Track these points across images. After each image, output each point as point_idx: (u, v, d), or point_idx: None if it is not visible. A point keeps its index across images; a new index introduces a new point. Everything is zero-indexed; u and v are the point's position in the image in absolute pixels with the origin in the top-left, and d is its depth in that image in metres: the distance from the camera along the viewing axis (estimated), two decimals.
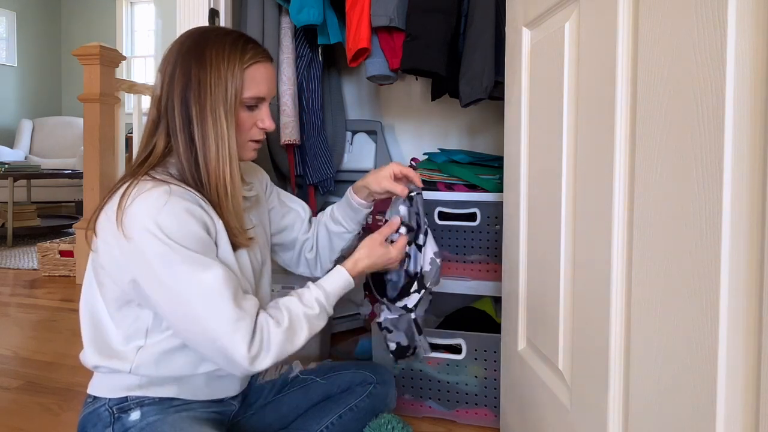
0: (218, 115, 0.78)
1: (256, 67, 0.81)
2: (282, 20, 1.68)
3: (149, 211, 0.72)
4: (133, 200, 0.73)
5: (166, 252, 0.71)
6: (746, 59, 0.41)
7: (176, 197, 0.73)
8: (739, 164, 0.42)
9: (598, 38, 0.66)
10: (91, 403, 0.83)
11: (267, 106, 0.85)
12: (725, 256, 0.43)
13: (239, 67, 0.79)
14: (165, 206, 0.72)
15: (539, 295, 0.89)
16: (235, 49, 0.80)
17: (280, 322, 0.77)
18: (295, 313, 0.80)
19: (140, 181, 0.75)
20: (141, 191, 0.73)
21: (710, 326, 0.45)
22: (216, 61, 0.79)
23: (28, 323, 1.96)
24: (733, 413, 0.43)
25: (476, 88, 1.39)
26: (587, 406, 0.69)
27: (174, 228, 0.72)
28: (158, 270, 0.72)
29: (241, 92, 0.80)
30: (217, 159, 0.78)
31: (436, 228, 1.55)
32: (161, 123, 0.81)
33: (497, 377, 1.20)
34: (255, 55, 0.81)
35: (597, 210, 0.66)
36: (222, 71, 0.78)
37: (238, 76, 0.79)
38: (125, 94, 2.67)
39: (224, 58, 0.79)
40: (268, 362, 0.75)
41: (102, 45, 2.47)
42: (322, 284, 0.86)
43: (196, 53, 0.80)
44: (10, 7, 5.12)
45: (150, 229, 0.71)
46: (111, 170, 2.59)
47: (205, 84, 0.78)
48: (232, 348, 0.72)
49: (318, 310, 0.82)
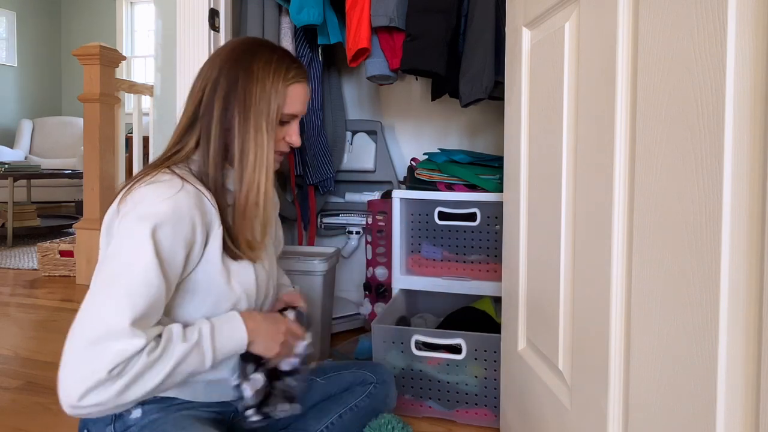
0: (260, 127, 0.81)
1: (297, 86, 0.85)
2: (282, 20, 1.68)
3: (154, 197, 0.73)
4: (143, 186, 0.75)
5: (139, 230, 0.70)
6: (746, 59, 0.41)
7: (185, 196, 0.75)
8: (739, 164, 0.42)
9: (598, 38, 0.66)
10: None
11: (297, 122, 0.89)
12: (725, 256, 0.43)
13: (283, 84, 0.83)
14: (170, 198, 0.73)
15: (539, 295, 0.89)
16: (281, 66, 0.84)
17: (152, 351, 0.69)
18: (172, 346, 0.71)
19: (159, 173, 0.78)
20: (156, 180, 0.76)
21: (710, 326, 0.45)
22: (263, 75, 0.82)
23: (28, 323, 1.96)
24: (733, 413, 0.43)
25: (476, 88, 1.39)
26: (587, 406, 0.69)
27: (165, 219, 0.72)
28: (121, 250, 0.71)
29: (282, 108, 0.83)
30: (254, 168, 0.81)
31: (436, 228, 1.55)
32: (197, 124, 0.84)
33: (497, 377, 1.20)
34: (297, 74, 0.85)
35: (597, 210, 0.66)
36: (267, 85, 0.82)
37: (282, 92, 0.83)
38: (125, 94, 2.67)
39: (270, 73, 0.83)
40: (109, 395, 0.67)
41: (102, 45, 2.47)
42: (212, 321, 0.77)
43: (244, 64, 0.83)
44: (10, 7, 5.12)
45: (146, 211, 0.72)
46: (111, 170, 2.59)
47: (251, 95, 0.81)
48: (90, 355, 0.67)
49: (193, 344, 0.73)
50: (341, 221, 2.00)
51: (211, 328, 0.76)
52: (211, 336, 0.75)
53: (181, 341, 0.72)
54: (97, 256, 0.79)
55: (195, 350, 0.72)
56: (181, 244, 0.74)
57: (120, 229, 0.73)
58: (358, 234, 2.01)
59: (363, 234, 2.00)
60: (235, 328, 0.78)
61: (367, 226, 1.80)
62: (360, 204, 1.96)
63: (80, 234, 2.54)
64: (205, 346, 0.74)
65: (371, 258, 1.79)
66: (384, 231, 1.75)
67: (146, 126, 2.77)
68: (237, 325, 0.79)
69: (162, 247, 0.71)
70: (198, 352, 0.73)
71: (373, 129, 1.96)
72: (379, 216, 1.76)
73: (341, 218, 2.00)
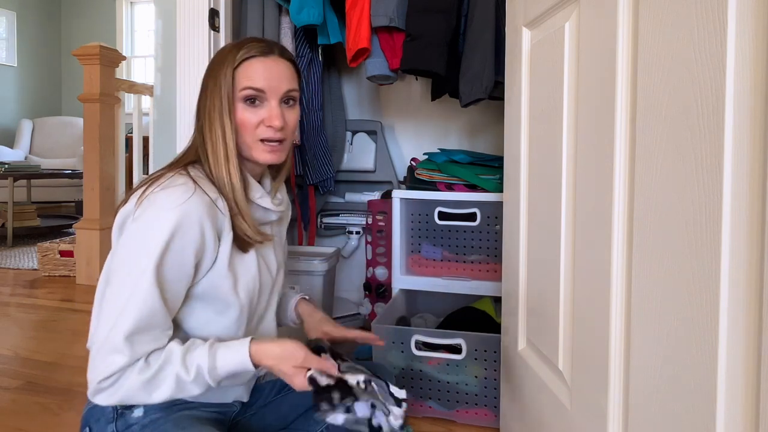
0: (214, 119, 0.81)
1: (248, 62, 0.82)
2: (282, 20, 1.68)
3: (166, 204, 0.74)
4: (159, 190, 0.75)
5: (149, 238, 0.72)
6: (746, 59, 0.41)
7: (196, 203, 0.75)
8: (739, 164, 0.42)
9: (598, 38, 0.66)
10: None
11: (275, 101, 0.83)
12: (725, 256, 0.43)
13: (230, 66, 0.82)
14: (183, 205, 0.74)
15: (539, 295, 0.89)
16: (231, 51, 0.83)
17: (143, 370, 0.72)
18: (167, 370, 0.73)
19: (174, 175, 0.79)
20: (171, 184, 0.76)
21: (710, 326, 0.45)
22: (216, 68, 0.83)
23: (28, 323, 1.96)
24: (733, 413, 0.43)
25: (476, 88, 1.39)
26: (587, 406, 0.69)
27: (176, 227, 0.73)
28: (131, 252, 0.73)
29: (232, 90, 0.81)
30: (215, 160, 0.81)
31: (436, 228, 1.55)
32: (195, 131, 0.87)
33: (497, 377, 1.20)
34: (248, 51, 0.82)
35: (597, 210, 0.66)
36: (218, 76, 0.82)
37: (230, 74, 0.81)
38: (125, 94, 2.67)
39: (220, 62, 0.83)
40: (109, 402, 0.72)
41: (102, 45, 2.47)
42: (216, 355, 0.74)
43: (207, 68, 0.86)
44: (10, 7, 5.12)
45: (157, 217, 0.73)
46: (111, 170, 2.59)
47: (205, 89, 0.83)
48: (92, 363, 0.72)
49: (192, 378, 0.73)
50: (341, 221, 2.00)
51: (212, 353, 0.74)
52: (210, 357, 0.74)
53: (179, 365, 0.72)
54: (97, 257, 0.80)
55: (194, 375, 0.73)
56: (190, 253, 0.75)
57: (131, 232, 0.74)
58: (358, 234, 2.01)
59: (363, 234, 2.00)
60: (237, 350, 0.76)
61: (367, 226, 1.80)
62: (360, 204, 1.96)
63: (80, 234, 2.53)
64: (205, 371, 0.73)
65: (371, 258, 1.79)
66: (384, 231, 1.75)
67: (146, 126, 2.77)
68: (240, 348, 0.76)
69: (168, 258, 0.73)
70: (197, 378, 0.73)
71: (373, 129, 1.96)
72: (379, 216, 1.76)
73: (341, 218, 2.00)
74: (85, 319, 2.00)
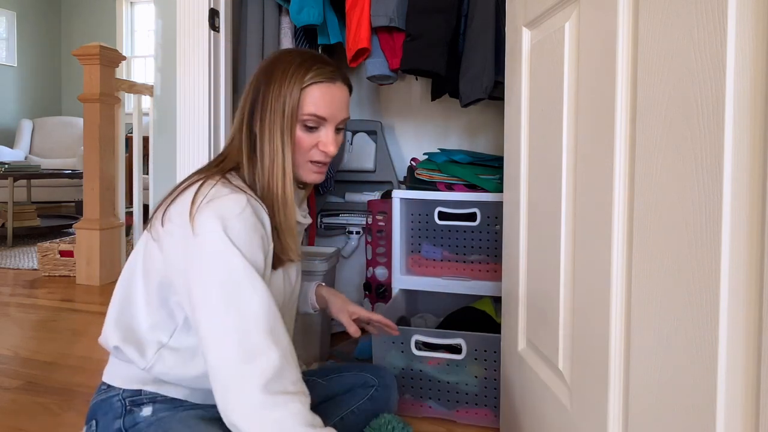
0: (274, 132, 0.81)
1: (317, 86, 0.83)
2: (282, 20, 1.68)
3: (223, 215, 0.73)
4: (210, 200, 0.74)
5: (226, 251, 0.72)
6: (746, 59, 0.41)
7: (251, 210, 0.75)
8: (739, 164, 0.42)
9: (598, 38, 0.66)
10: (105, 391, 0.83)
11: (332, 129, 0.85)
12: (725, 256, 0.43)
13: (298, 86, 0.81)
14: (240, 215, 0.74)
15: (539, 295, 0.89)
16: (300, 69, 0.82)
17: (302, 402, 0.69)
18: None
19: (218, 184, 0.77)
20: (219, 195, 0.75)
21: (710, 326, 0.45)
22: (280, 80, 0.82)
23: (28, 323, 1.96)
24: (733, 413, 0.43)
25: (476, 88, 1.39)
26: (587, 406, 0.69)
27: (242, 238, 0.73)
28: (211, 266, 0.72)
29: (297, 111, 0.82)
30: (271, 174, 0.81)
31: (436, 228, 1.55)
32: (237, 134, 0.85)
33: (497, 377, 1.20)
34: (317, 75, 0.83)
35: (597, 210, 0.66)
36: (282, 89, 0.81)
37: (296, 94, 0.81)
38: (125, 94, 2.67)
39: (287, 77, 0.82)
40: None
41: (102, 45, 2.47)
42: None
43: (266, 72, 0.84)
44: (10, 7, 5.12)
45: (218, 231, 0.72)
46: (111, 170, 2.59)
47: (267, 101, 0.82)
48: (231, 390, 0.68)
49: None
50: (341, 221, 2.00)
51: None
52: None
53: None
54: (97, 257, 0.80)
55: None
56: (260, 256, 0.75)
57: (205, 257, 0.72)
58: (358, 234, 2.01)
59: (363, 234, 2.00)
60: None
61: (367, 226, 1.80)
62: (360, 204, 1.96)
63: (80, 234, 2.53)
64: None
65: (371, 258, 1.79)
66: (384, 231, 1.75)
67: (146, 126, 2.77)
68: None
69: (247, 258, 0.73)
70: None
71: (373, 129, 1.96)
72: (379, 216, 1.76)
73: (341, 218, 2.00)
74: (85, 319, 2.00)
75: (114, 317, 0.82)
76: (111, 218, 2.60)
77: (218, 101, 1.55)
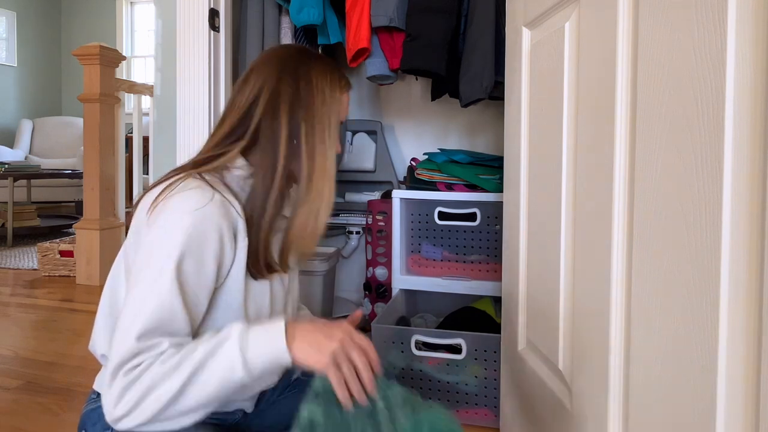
0: (324, 137, 0.81)
1: (347, 95, 0.88)
2: (282, 20, 1.68)
3: (183, 207, 0.71)
4: (173, 194, 0.72)
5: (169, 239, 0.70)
6: (746, 59, 0.41)
7: (214, 207, 0.72)
8: (739, 164, 0.42)
9: (598, 38, 0.66)
10: (94, 400, 0.82)
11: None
12: (725, 256, 0.43)
13: (339, 93, 0.84)
14: (201, 210, 0.71)
15: (539, 295, 0.89)
16: (335, 75, 0.85)
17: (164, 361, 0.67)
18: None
19: (190, 177, 0.75)
20: (186, 188, 0.73)
21: (710, 327, 0.45)
22: (322, 84, 0.83)
23: (28, 323, 1.96)
24: (733, 413, 0.43)
25: (476, 88, 1.39)
26: (587, 406, 0.69)
27: (194, 231, 0.70)
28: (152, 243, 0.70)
29: (339, 116, 0.85)
30: (322, 177, 0.80)
31: (436, 228, 1.55)
32: (246, 133, 0.80)
33: (497, 377, 1.20)
34: (348, 83, 0.87)
35: (597, 210, 0.66)
36: (327, 95, 0.82)
37: (338, 100, 0.84)
38: (125, 94, 2.67)
39: (328, 82, 0.83)
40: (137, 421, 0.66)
41: (102, 45, 2.47)
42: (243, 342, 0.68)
43: (302, 72, 0.82)
44: (10, 7, 5.12)
45: (173, 221, 0.70)
46: (111, 170, 2.59)
47: (313, 105, 0.81)
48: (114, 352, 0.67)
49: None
50: (341, 221, 2.00)
51: (241, 330, 0.69)
52: (240, 337, 0.68)
53: (203, 345, 0.67)
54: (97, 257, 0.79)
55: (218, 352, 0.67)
56: (211, 259, 0.72)
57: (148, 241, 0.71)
58: (358, 234, 2.01)
59: (363, 234, 2.00)
60: (270, 328, 0.70)
61: (367, 226, 1.80)
62: (360, 204, 1.96)
63: (80, 234, 2.53)
64: (230, 347, 0.67)
65: (371, 258, 1.79)
66: (384, 231, 1.75)
67: (146, 126, 2.77)
68: (274, 326, 0.70)
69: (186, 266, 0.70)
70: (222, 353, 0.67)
71: (373, 129, 1.96)
72: (379, 216, 1.76)
73: (341, 218, 2.00)
74: (85, 319, 2.00)
75: (101, 324, 0.80)
76: (111, 218, 2.60)
77: (218, 101, 1.55)
